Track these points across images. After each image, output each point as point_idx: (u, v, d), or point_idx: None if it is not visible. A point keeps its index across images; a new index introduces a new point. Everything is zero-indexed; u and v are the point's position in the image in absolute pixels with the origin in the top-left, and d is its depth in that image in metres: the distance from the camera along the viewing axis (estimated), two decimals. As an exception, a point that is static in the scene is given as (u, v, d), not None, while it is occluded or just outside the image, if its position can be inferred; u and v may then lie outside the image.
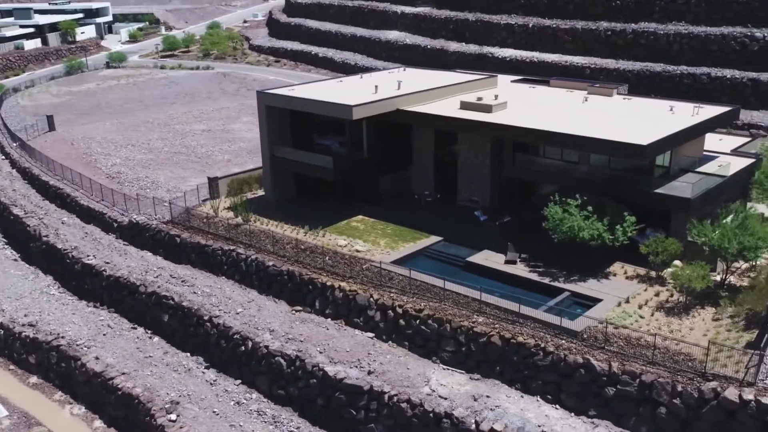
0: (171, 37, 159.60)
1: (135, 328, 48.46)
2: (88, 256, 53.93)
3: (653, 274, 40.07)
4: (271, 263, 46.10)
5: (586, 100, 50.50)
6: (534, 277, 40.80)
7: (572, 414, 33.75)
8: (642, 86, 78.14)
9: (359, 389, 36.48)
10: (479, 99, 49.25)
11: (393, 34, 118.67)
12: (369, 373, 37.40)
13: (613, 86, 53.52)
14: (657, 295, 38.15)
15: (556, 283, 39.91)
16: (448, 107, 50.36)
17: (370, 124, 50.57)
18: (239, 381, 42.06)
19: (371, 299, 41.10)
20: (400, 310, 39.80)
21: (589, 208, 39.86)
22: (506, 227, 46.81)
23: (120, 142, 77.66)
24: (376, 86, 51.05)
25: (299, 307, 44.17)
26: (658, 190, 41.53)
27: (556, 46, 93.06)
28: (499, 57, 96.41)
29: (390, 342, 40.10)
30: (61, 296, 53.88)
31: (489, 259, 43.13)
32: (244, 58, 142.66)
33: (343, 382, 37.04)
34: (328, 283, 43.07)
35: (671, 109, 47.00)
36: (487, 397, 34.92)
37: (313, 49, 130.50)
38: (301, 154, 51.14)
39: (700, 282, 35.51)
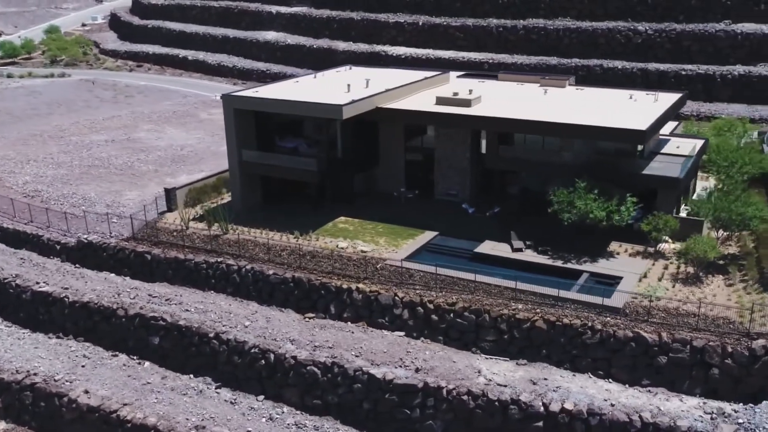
0: (8, 43, 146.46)
1: (116, 356, 44.73)
2: (38, 283, 48.91)
3: (651, 249, 43.05)
4: (271, 272, 44.38)
5: (546, 92, 52.96)
6: (547, 261, 42.42)
7: (627, 386, 35.67)
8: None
9: (413, 388, 36.19)
10: (455, 94, 50.19)
11: (271, 35, 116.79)
12: (417, 370, 37.20)
13: (564, 78, 56.53)
14: (665, 268, 41.07)
15: (569, 266, 41.73)
16: (419, 103, 50.89)
17: (343, 124, 49.93)
18: (262, 396, 40.18)
19: (396, 298, 40.86)
20: (431, 306, 39.92)
21: (596, 191, 42.04)
22: (497, 218, 48.13)
23: (17, 159, 70.69)
24: (349, 85, 50.52)
25: (311, 314, 42.96)
26: (645, 171, 44.53)
27: (449, 43, 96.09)
28: (393, 55, 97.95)
29: (422, 339, 40.11)
30: (10, 330, 48.42)
31: (495, 248, 44.24)
32: (99, 63, 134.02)
33: (393, 382, 36.56)
34: (344, 286, 42.24)
35: (631, 97, 50.57)
36: (545, 379, 36.02)
37: (180, 52, 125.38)
38: (277, 158, 49.53)
39: (713, 252, 38.72)
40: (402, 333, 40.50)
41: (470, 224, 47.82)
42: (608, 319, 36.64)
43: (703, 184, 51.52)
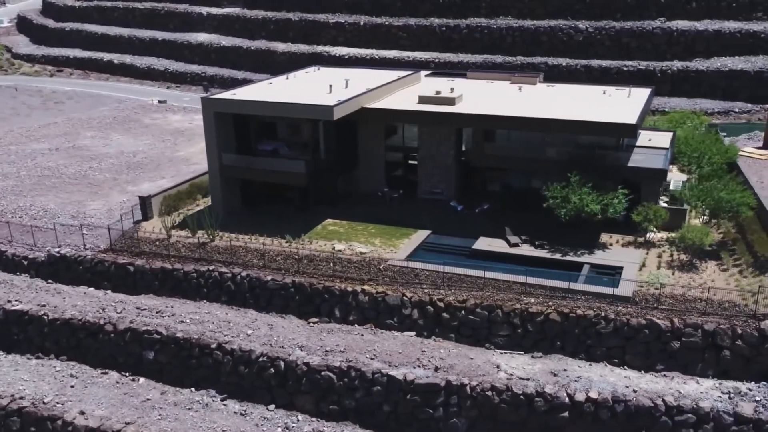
0: None
1: (106, 373, 42.71)
2: (9, 301, 46.10)
3: (641, 239, 44.52)
4: (269, 278, 43.37)
5: (520, 89, 53.89)
6: (546, 255, 43.19)
7: (642, 371, 36.78)
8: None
9: (435, 387, 36.14)
10: (438, 92, 50.38)
11: (203, 37, 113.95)
12: (436, 369, 37.18)
13: (535, 75, 57.65)
14: (659, 257, 42.57)
15: (570, 258, 42.63)
16: (402, 102, 50.88)
17: (325, 125, 49.35)
18: (273, 406, 39.22)
19: (404, 298, 40.70)
20: (441, 304, 39.98)
21: (589, 184, 43.12)
22: (486, 214, 48.63)
23: (-46, 171, 66.38)
24: (331, 86, 49.92)
25: (315, 319, 42.24)
26: (631, 164, 45.99)
27: (392, 43, 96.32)
28: (336, 55, 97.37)
29: (434, 337, 40.11)
30: (-20, 353, 45.50)
31: (492, 244, 44.71)
32: (15, 69, 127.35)
33: (415, 383, 36.41)
34: (349, 289, 41.74)
35: (604, 93, 52.10)
36: (564, 370, 36.67)
37: (105, 56, 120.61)
38: (261, 161, 48.40)
39: (708, 239, 40.42)
40: (413, 333, 40.38)
41: (460, 222, 48.14)
42: (620, 308, 37.66)
43: (678, 175, 53.31)
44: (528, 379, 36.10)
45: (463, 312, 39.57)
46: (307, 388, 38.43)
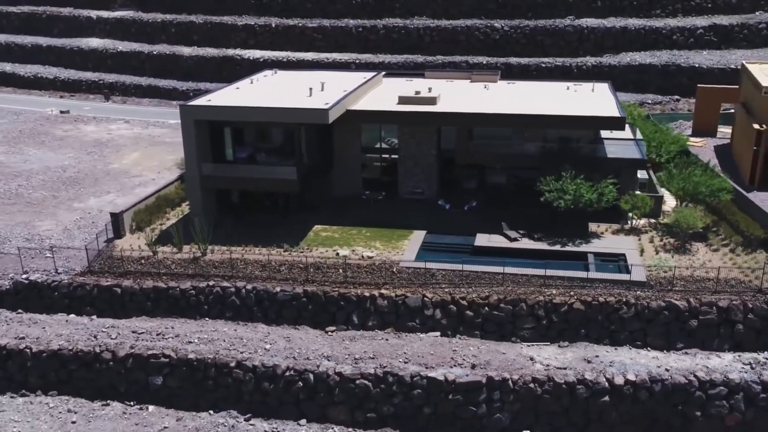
0: None
1: (107, 405, 39.73)
2: (-22, 337, 41.79)
3: (627, 227, 46.79)
4: (278, 289, 41.86)
5: (486, 87, 55.00)
6: (548, 247, 44.42)
7: (664, 351, 38.73)
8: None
9: (477, 384, 36.35)
10: (417, 92, 50.45)
11: (95, 42, 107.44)
12: (473, 367, 37.40)
13: (494, 73, 58.94)
14: (651, 241, 44.92)
15: (572, 249, 44.05)
16: (378, 103, 50.58)
17: (307, 129, 48.21)
18: (304, 420, 37.99)
19: (425, 299, 40.58)
20: (464, 302, 40.19)
21: (581, 176, 44.78)
22: (475, 211, 49.26)
23: None
24: (311, 89, 48.77)
25: (332, 327, 41.23)
26: (611, 155, 48.15)
27: (307, 45, 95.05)
28: (250, 58, 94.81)
29: (459, 336, 40.27)
30: (-49, 397, 40.91)
31: (491, 240, 45.42)
32: None
33: (456, 382, 36.46)
34: (367, 294, 41.06)
35: (569, 88, 54.19)
36: (596, 356, 37.92)
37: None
38: (249, 169, 46.56)
39: (700, 223, 43.14)
40: (437, 333, 40.34)
41: (450, 220, 48.51)
42: (639, 292, 39.44)
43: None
44: (565, 368, 37.03)
45: (486, 308, 39.99)
46: (341, 399, 37.50)
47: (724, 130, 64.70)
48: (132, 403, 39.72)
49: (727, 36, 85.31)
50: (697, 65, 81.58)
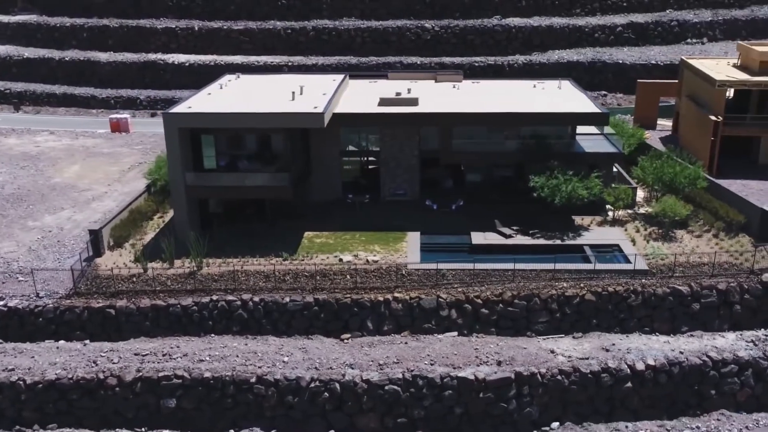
0: None
1: (114, 434, 37.42)
2: (-41, 372, 38.22)
3: (609, 218, 48.56)
4: (287, 299, 40.65)
5: (456, 87, 55.50)
6: (543, 242, 45.39)
7: (671, 335, 40.52)
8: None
9: (507, 380, 36.78)
10: (398, 94, 50.24)
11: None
12: (498, 364, 37.77)
13: (458, 73, 59.46)
14: (637, 231, 46.80)
15: (568, 242, 45.18)
16: (357, 105, 50.11)
17: (291, 134, 47.10)
18: (332, 431, 37.20)
19: (439, 299, 40.56)
20: (479, 301, 40.47)
21: (570, 172, 46.09)
22: (463, 210, 49.60)
23: None
24: (293, 93, 47.56)
25: (347, 335, 40.48)
26: (589, 150, 49.77)
27: (233, 48, 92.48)
28: (174, 63, 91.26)
29: (475, 334, 40.50)
30: (-65, 441, 37.27)
31: (487, 238, 45.94)
32: None
33: (487, 380, 36.72)
34: (380, 298, 40.56)
35: (535, 86, 55.55)
36: (613, 344, 39.20)
37: None
38: (236, 177, 44.86)
39: (684, 211, 45.39)
40: (454, 333, 40.42)
41: (440, 220, 48.64)
42: (644, 280, 41.03)
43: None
44: (587, 359, 38.07)
45: (501, 305, 40.45)
46: (369, 406, 36.96)
47: (663, 123, 68.24)
48: (143, 429, 37.57)
49: (644, 33, 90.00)
50: (620, 61, 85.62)
